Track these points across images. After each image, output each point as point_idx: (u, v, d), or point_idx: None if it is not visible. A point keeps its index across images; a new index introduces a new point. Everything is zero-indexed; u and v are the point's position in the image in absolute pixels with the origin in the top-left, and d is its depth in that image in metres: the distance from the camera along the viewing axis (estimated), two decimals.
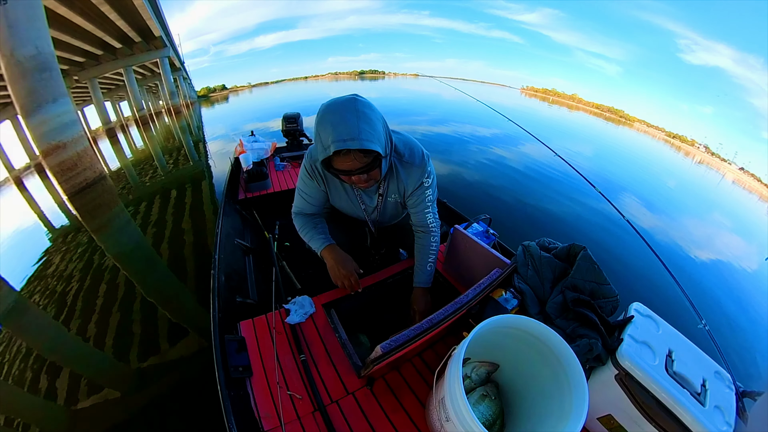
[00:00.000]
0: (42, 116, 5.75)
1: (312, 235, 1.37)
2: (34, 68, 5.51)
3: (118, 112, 35.53)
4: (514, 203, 5.17)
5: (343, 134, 0.93)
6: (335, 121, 0.94)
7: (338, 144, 0.93)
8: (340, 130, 0.93)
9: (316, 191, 1.32)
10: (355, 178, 1.07)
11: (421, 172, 1.23)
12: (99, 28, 13.56)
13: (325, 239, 1.36)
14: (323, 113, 0.97)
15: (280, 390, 1.09)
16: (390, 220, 1.54)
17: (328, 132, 0.94)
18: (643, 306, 1.08)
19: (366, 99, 1.01)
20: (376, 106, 1.02)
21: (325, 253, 1.36)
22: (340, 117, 0.94)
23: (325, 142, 0.96)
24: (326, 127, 0.95)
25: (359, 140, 0.93)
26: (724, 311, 3.63)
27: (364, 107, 0.97)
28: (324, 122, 0.96)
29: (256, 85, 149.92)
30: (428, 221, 1.34)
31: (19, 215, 6.86)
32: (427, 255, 1.38)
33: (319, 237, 1.36)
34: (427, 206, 1.31)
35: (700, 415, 0.82)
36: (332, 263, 1.35)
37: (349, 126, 0.93)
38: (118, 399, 2.09)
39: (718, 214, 9.61)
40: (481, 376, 1.04)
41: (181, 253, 3.75)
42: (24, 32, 5.33)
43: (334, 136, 0.93)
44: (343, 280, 1.36)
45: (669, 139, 68.47)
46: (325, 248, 1.36)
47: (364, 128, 0.94)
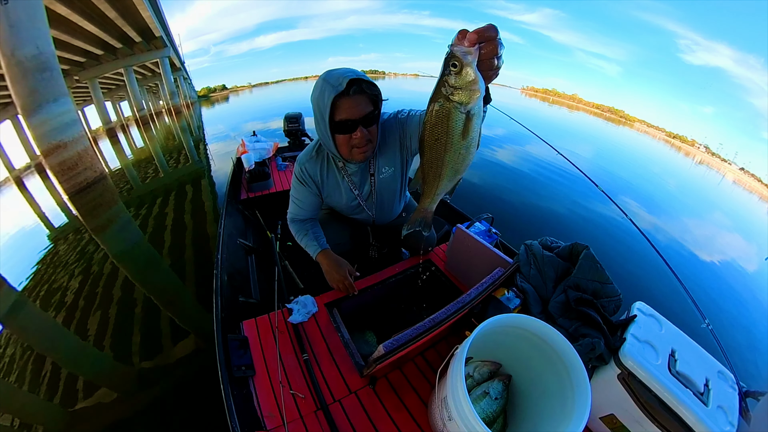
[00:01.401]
0: (43, 116, 5.75)
1: (307, 241, 1.40)
2: (35, 68, 5.51)
3: (118, 112, 35.55)
4: (516, 202, 5.17)
5: (350, 73, 1.01)
6: (341, 71, 1.01)
7: (351, 76, 0.99)
8: (349, 73, 1.00)
9: (309, 196, 1.34)
10: (357, 134, 1.07)
11: (393, 116, 1.26)
12: (99, 28, 13.56)
13: (319, 244, 1.39)
14: (326, 73, 1.04)
15: (282, 389, 1.10)
16: (387, 209, 1.53)
17: (336, 76, 1.00)
18: (646, 305, 1.09)
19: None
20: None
21: (320, 257, 1.39)
22: (345, 69, 1.03)
23: (335, 83, 1.00)
24: (332, 75, 1.01)
25: (357, 73, 1.01)
26: (727, 311, 3.63)
27: (356, 70, 1.05)
28: (329, 75, 1.02)
29: (257, 85, 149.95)
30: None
31: (19, 215, 6.86)
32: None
33: (313, 243, 1.39)
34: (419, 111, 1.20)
35: (703, 415, 0.82)
36: (327, 267, 1.38)
37: (356, 71, 1.02)
38: (119, 399, 2.09)
39: (718, 214, 9.60)
40: (484, 376, 1.04)
41: (182, 253, 3.74)
42: (25, 32, 5.33)
43: (345, 74, 1.00)
44: (338, 283, 1.38)
45: (669, 139, 68.46)
46: (320, 253, 1.38)
47: (360, 73, 1.03)
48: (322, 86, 1.03)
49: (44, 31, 5.72)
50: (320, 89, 1.04)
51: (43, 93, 5.71)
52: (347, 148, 1.13)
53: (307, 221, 1.44)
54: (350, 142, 1.10)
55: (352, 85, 0.99)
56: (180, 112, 25.57)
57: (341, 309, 1.43)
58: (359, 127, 1.06)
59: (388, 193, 1.41)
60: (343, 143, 1.11)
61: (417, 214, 0.95)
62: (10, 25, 5.12)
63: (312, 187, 1.31)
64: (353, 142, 1.10)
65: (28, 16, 5.36)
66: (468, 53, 0.55)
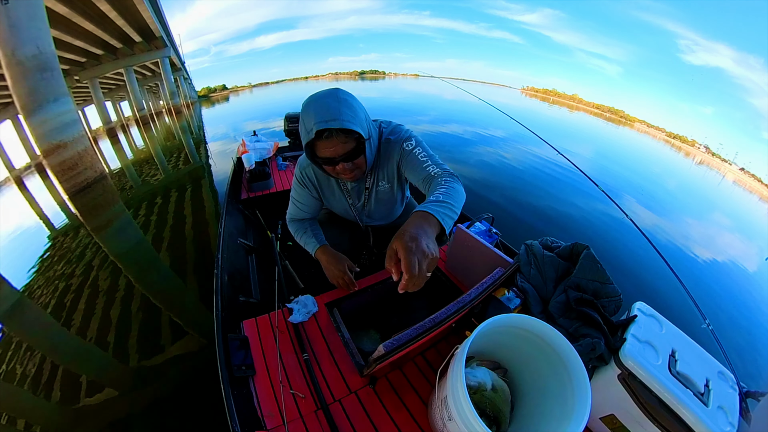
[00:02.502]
0: (43, 116, 5.76)
1: (306, 239, 1.40)
2: (36, 68, 5.52)
3: (118, 112, 35.55)
4: (516, 202, 5.16)
5: (324, 116, 0.96)
6: (317, 107, 0.98)
7: (320, 125, 0.96)
8: (321, 113, 0.97)
9: (309, 198, 1.35)
10: (339, 167, 1.08)
11: (399, 141, 1.18)
12: (100, 28, 13.57)
13: (318, 241, 1.39)
14: (306, 103, 1.02)
15: (282, 389, 1.09)
16: (383, 216, 1.53)
17: (311, 117, 0.98)
18: (647, 305, 1.09)
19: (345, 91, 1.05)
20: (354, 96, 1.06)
21: (318, 254, 1.39)
22: (322, 103, 0.99)
23: (308, 126, 0.99)
24: (309, 114, 0.99)
25: (340, 120, 0.96)
26: (727, 311, 3.63)
27: (345, 95, 1.02)
28: (307, 110, 1.00)
29: (257, 85, 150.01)
30: (432, 172, 1.06)
31: (19, 215, 6.87)
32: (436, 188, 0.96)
33: (311, 240, 1.39)
34: (424, 161, 1.10)
35: (704, 416, 0.82)
36: (326, 263, 1.38)
37: (331, 109, 0.97)
38: (120, 398, 2.09)
39: (718, 214, 9.61)
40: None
41: (182, 253, 3.75)
42: (25, 32, 5.34)
43: (316, 119, 0.96)
44: (337, 279, 1.38)
45: (669, 139, 68.43)
46: (318, 249, 1.38)
47: (345, 111, 0.98)
48: (301, 120, 1.03)
49: (44, 30, 5.72)
50: (301, 122, 1.04)
51: (44, 93, 5.72)
52: (334, 174, 1.16)
53: (305, 220, 1.44)
54: (334, 171, 1.14)
55: (324, 131, 0.98)
56: (180, 112, 25.58)
57: (341, 309, 1.43)
58: (340, 162, 1.07)
59: (386, 203, 1.42)
60: (330, 170, 1.14)
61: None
62: (11, 25, 5.13)
63: (312, 190, 1.32)
64: (337, 170, 1.12)
65: (28, 15, 5.37)
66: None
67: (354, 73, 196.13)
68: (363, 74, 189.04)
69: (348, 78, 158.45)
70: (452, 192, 0.92)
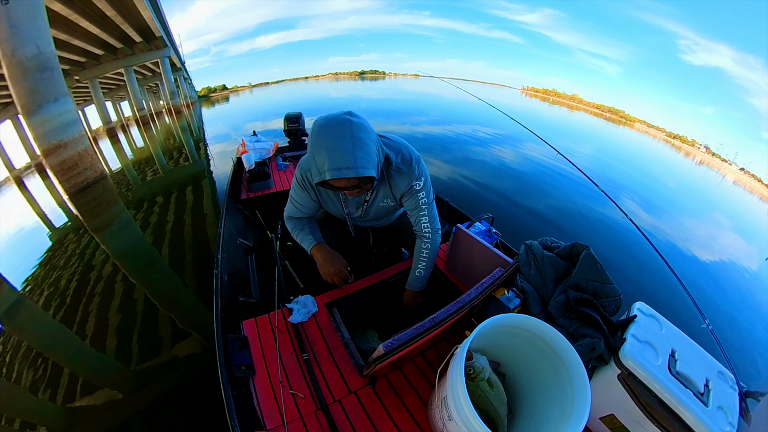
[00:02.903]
0: (43, 116, 5.76)
1: (302, 236, 1.40)
2: (36, 68, 5.52)
3: (118, 112, 35.53)
4: (516, 202, 5.17)
5: (338, 162, 0.94)
6: (330, 147, 0.94)
7: (334, 173, 0.94)
8: (335, 158, 0.94)
9: (308, 200, 1.34)
10: (349, 193, 1.11)
11: (410, 178, 1.22)
12: (100, 28, 13.57)
13: (314, 239, 1.40)
14: (318, 136, 0.97)
15: (282, 389, 1.10)
16: (378, 221, 1.55)
17: (324, 158, 0.95)
18: (646, 305, 1.08)
19: (360, 118, 1.00)
20: (368, 123, 1.02)
21: (314, 251, 1.39)
22: (336, 143, 0.94)
23: (321, 167, 0.97)
24: (321, 152, 0.96)
25: (354, 168, 0.94)
26: (727, 311, 3.63)
27: (358, 131, 0.96)
28: (319, 146, 0.96)
29: (257, 85, 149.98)
30: (422, 227, 1.31)
31: (19, 215, 6.87)
32: (419, 261, 1.36)
33: (308, 237, 1.39)
34: (422, 210, 1.28)
35: (703, 416, 0.82)
36: (321, 260, 1.39)
37: (345, 154, 0.93)
38: (119, 398, 2.09)
39: (719, 214, 9.60)
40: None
41: (183, 253, 3.75)
42: (25, 32, 5.34)
43: (330, 164, 0.94)
44: (331, 276, 1.39)
45: (669, 139, 68.38)
46: (314, 247, 1.39)
47: (360, 155, 0.95)
48: (312, 150, 1.00)
49: (44, 30, 5.72)
50: (310, 156, 1.02)
51: (44, 93, 5.72)
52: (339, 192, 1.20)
53: (303, 219, 1.45)
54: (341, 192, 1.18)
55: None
56: (180, 112, 25.58)
57: (341, 309, 1.43)
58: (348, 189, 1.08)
59: (382, 213, 1.44)
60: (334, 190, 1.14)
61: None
62: (11, 25, 5.13)
63: (311, 193, 1.32)
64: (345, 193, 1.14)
65: (28, 15, 5.37)
66: None
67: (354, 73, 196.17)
68: (363, 74, 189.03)
69: (348, 78, 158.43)
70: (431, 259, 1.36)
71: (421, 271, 1.36)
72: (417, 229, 1.34)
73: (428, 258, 1.35)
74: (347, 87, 50.15)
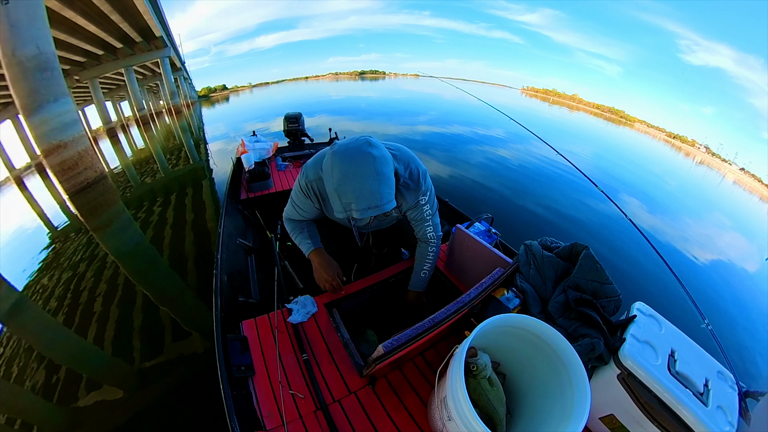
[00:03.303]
0: (43, 116, 5.76)
1: (301, 239, 1.40)
2: (36, 68, 5.52)
3: (118, 112, 35.50)
4: (516, 202, 5.17)
5: (366, 203, 0.95)
6: (357, 189, 0.95)
7: (362, 212, 0.96)
8: (363, 199, 0.95)
9: (310, 207, 1.34)
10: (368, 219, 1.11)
11: (417, 194, 1.25)
12: (100, 28, 13.57)
13: (312, 243, 1.39)
14: (342, 177, 0.96)
15: (282, 389, 1.10)
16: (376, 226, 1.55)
17: (350, 198, 0.96)
18: (646, 305, 1.09)
19: (379, 147, 1.00)
20: (385, 149, 1.02)
21: (312, 256, 1.39)
22: (362, 184, 0.95)
23: (347, 206, 0.98)
24: (347, 192, 0.96)
25: (381, 206, 0.96)
26: (727, 311, 3.63)
27: (381, 165, 0.97)
28: (345, 188, 0.96)
29: (257, 85, 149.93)
30: (427, 234, 1.37)
31: (19, 215, 6.87)
32: (423, 263, 1.42)
33: (306, 241, 1.39)
34: (426, 220, 1.33)
35: (703, 415, 0.82)
36: (317, 266, 1.39)
37: (372, 193, 0.95)
38: (119, 398, 2.09)
39: (719, 214, 9.60)
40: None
41: (183, 253, 3.75)
42: (25, 32, 5.34)
43: (357, 204, 0.96)
44: (325, 283, 1.39)
45: (669, 139, 68.29)
46: (312, 251, 1.39)
47: (385, 191, 0.97)
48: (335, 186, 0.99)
49: (45, 30, 5.72)
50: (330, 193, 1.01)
51: (44, 93, 5.72)
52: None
53: (303, 221, 1.44)
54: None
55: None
56: (180, 111, 25.59)
57: (341, 309, 1.43)
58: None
59: (386, 222, 1.47)
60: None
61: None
62: (11, 25, 5.13)
63: (315, 201, 1.31)
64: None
65: (28, 15, 5.37)
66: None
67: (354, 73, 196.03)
68: (363, 74, 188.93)
69: (348, 78, 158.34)
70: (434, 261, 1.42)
71: (426, 273, 1.42)
72: (421, 236, 1.38)
73: (432, 261, 1.41)
74: (347, 87, 50.12)
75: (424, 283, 1.45)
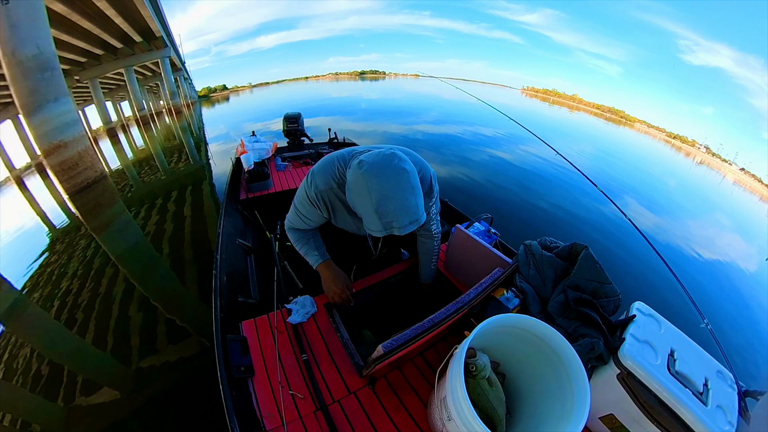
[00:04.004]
0: (43, 116, 5.77)
1: (307, 250, 1.38)
2: (36, 68, 5.52)
3: (119, 112, 35.50)
4: (515, 202, 5.17)
5: (407, 219, 0.95)
6: (399, 208, 0.94)
7: (405, 229, 0.95)
8: (404, 216, 0.95)
9: (318, 217, 1.31)
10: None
11: (429, 198, 1.28)
12: (100, 28, 13.58)
13: (320, 255, 1.38)
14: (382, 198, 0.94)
15: (282, 389, 1.10)
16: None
17: (392, 217, 0.94)
18: (645, 305, 1.09)
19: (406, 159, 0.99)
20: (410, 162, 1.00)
21: (320, 268, 1.38)
22: (403, 202, 0.94)
23: (387, 225, 0.95)
24: (389, 213, 0.94)
25: (419, 220, 0.97)
26: (726, 311, 3.63)
27: (414, 179, 0.97)
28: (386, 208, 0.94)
29: (257, 85, 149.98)
30: (432, 229, 1.43)
31: (19, 215, 6.87)
32: (431, 256, 1.50)
33: (314, 252, 1.37)
34: (433, 221, 1.41)
35: (703, 415, 0.82)
36: (326, 278, 1.38)
37: (411, 209, 0.95)
38: (119, 398, 2.09)
39: (719, 214, 9.60)
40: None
41: (182, 253, 3.75)
42: (26, 32, 5.34)
43: (400, 222, 0.94)
44: (334, 296, 1.38)
45: (670, 139, 68.25)
46: (320, 264, 1.38)
47: (420, 204, 0.98)
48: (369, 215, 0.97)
49: (45, 30, 5.73)
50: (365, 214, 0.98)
51: (44, 93, 5.72)
52: None
53: (308, 231, 1.41)
54: None
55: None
56: (180, 112, 25.60)
57: (340, 309, 1.43)
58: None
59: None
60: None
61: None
62: (11, 25, 5.13)
63: (323, 211, 1.28)
64: None
65: (28, 15, 5.37)
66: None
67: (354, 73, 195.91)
68: (363, 74, 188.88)
69: (348, 78, 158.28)
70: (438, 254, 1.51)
71: (434, 264, 1.53)
72: (426, 231, 1.45)
73: (437, 253, 1.52)
74: (348, 87, 50.11)
75: (433, 274, 1.56)
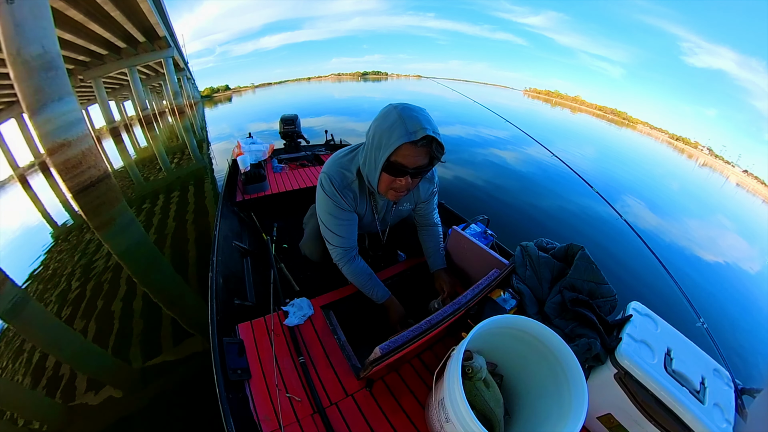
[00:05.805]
0: (47, 114, 5.80)
1: (372, 285, 1.38)
2: (40, 67, 5.56)
3: (122, 112, 35.66)
4: (512, 204, 5.15)
5: (431, 126, 0.99)
6: (420, 115, 1.00)
7: (427, 131, 0.97)
8: (427, 122, 0.99)
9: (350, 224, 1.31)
10: (402, 183, 1.09)
11: (432, 184, 1.41)
12: (104, 28, 13.65)
13: (385, 290, 1.40)
14: (403, 108, 1.01)
15: (278, 392, 1.09)
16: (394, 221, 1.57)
17: (414, 121, 0.99)
18: (642, 305, 1.08)
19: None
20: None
21: (388, 302, 1.40)
22: (424, 115, 1.01)
23: (411, 128, 0.98)
24: (411, 118, 0.99)
25: (440, 136, 1.01)
26: (728, 312, 3.61)
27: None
28: (410, 114, 1.00)
29: (260, 85, 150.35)
30: (435, 219, 1.56)
31: (23, 213, 6.91)
32: (439, 242, 1.58)
33: (379, 287, 1.39)
34: (434, 207, 1.53)
35: (700, 413, 0.82)
36: (393, 311, 1.39)
37: (432, 122, 1.01)
38: (118, 398, 2.09)
39: (721, 216, 9.56)
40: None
41: (185, 253, 3.76)
42: (30, 31, 5.38)
43: (424, 124, 0.98)
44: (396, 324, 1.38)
45: (672, 141, 67.97)
46: (388, 299, 1.40)
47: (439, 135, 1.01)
48: (395, 122, 1.00)
49: (49, 30, 5.76)
50: (391, 123, 1.01)
51: (48, 92, 5.75)
52: (386, 187, 1.14)
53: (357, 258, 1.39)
54: (392, 184, 1.11)
55: (425, 138, 0.98)
56: (183, 111, 25.70)
57: (337, 311, 1.43)
58: (408, 176, 1.07)
59: (401, 215, 1.51)
60: (385, 181, 1.11)
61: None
62: (16, 25, 5.17)
63: (352, 210, 1.29)
64: (395, 185, 1.11)
65: (33, 15, 5.41)
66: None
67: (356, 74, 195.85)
68: (365, 75, 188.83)
69: (350, 79, 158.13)
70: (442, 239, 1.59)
71: (443, 249, 1.58)
72: (430, 221, 1.55)
73: (442, 238, 1.60)
74: (350, 88, 50.09)
75: (444, 259, 1.59)
